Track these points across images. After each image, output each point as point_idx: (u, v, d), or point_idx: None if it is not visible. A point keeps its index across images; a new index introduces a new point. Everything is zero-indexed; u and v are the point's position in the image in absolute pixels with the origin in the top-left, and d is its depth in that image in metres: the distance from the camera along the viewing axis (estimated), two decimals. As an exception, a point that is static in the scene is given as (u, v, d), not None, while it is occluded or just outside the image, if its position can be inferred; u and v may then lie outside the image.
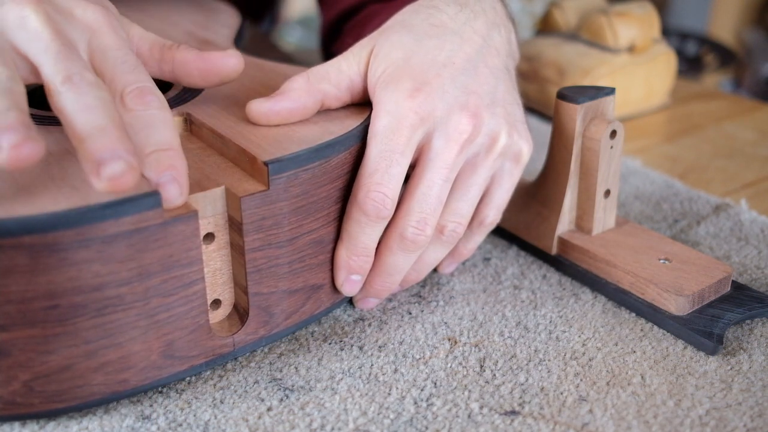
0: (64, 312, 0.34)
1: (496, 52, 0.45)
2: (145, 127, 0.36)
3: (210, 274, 0.39)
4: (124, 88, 0.37)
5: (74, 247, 0.33)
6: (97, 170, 0.32)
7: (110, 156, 0.32)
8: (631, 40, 0.75)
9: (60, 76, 0.35)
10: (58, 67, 0.36)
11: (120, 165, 0.32)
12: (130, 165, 0.33)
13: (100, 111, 0.34)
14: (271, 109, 0.42)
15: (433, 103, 0.41)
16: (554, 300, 0.48)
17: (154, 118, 0.36)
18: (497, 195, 0.46)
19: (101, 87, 0.36)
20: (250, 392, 0.40)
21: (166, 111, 0.37)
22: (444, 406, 0.39)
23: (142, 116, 0.36)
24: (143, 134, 0.36)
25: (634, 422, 0.38)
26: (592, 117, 0.48)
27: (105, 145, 0.33)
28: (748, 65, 1.86)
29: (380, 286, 0.44)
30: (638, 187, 0.62)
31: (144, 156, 0.35)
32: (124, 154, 0.33)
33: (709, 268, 0.47)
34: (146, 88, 0.37)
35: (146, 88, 0.37)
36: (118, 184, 0.32)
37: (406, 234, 0.42)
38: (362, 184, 0.41)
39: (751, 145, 0.71)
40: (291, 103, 0.42)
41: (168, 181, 0.35)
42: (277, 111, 0.42)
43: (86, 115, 0.34)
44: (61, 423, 0.38)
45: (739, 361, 0.42)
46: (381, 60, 0.43)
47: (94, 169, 0.32)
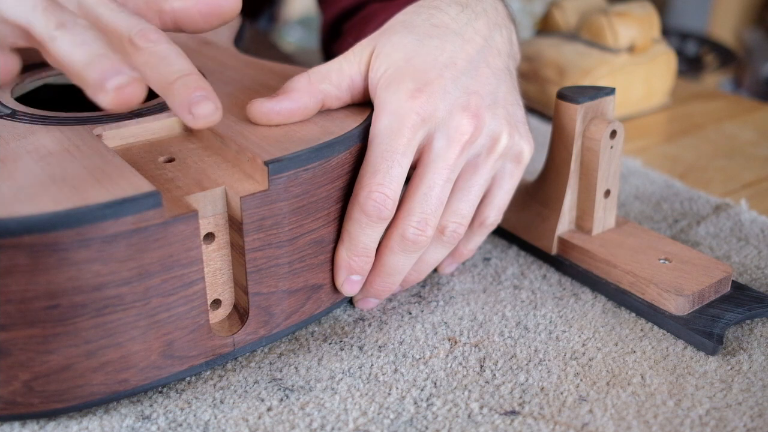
0: (64, 312, 0.34)
1: (497, 53, 0.45)
2: (161, 60, 0.37)
3: (210, 274, 0.39)
4: (129, 31, 0.38)
5: (74, 246, 0.33)
6: (102, 86, 0.33)
7: (113, 73, 0.33)
8: (631, 40, 0.75)
9: (52, 23, 0.36)
10: (50, 18, 0.36)
11: (124, 77, 0.33)
12: (135, 77, 0.33)
13: (97, 44, 0.35)
14: (272, 109, 0.42)
15: (435, 103, 0.41)
16: (554, 300, 0.48)
17: (167, 50, 0.37)
18: (498, 195, 0.46)
19: (94, 28, 0.36)
20: (250, 392, 0.40)
21: (175, 45, 0.38)
22: (444, 406, 0.39)
23: (155, 51, 0.37)
24: (162, 66, 0.37)
25: (634, 422, 0.38)
26: (592, 117, 0.48)
27: (106, 66, 0.34)
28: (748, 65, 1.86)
29: (380, 287, 0.44)
30: (638, 187, 0.62)
31: (169, 85, 0.36)
32: (126, 70, 0.34)
33: (709, 268, 0.47)
34: (149, 28, 0.38)
35: (149, 28, 0.38)
36: (124, 95, 0.33)
37: (407, 234, 0.42)
38: (363, 184, 0.41)
39: (751, 145, 0.71)
40: (292, 104, 0.42)
41: (200, 100, 0.36)
42: (277, 111, 0.42)
43: (83, 49, 0.35)
44: (61, 423, 0.38)
45: (739, 361, 0.42)
46: (382, 60, 0.43)
47: (99, 87, 0.33)
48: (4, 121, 0.42)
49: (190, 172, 0.39)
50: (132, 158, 0.41)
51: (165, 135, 0.44)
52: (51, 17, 0.36)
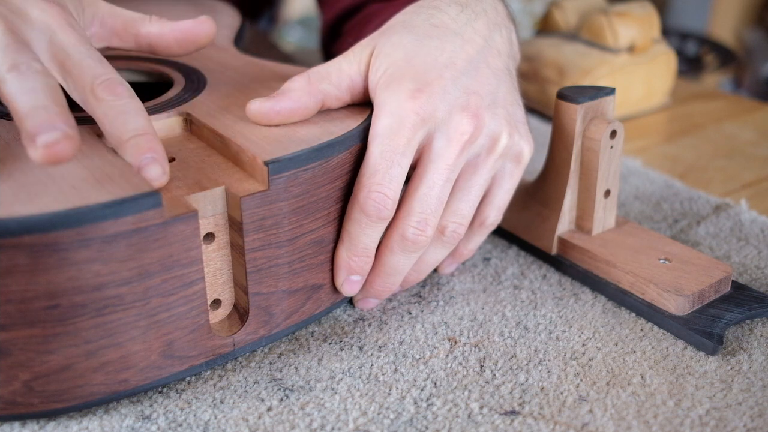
0: (64, 312, 0.34)
1: (497, 53, 0.45)
2: (119, 115, 0.37)
3: (210, 273, 0.39)
4: (93, 80, 0.38)
5: (74, 246, 0.33)
6: (33, 139, 0.33)
7: (46, 128, 0.33)
8: (631, 40, 0.75)
9: (6, 65, 0.36)
10: (5, 59, 0.37)
11: (55, 134, 0.33)
12: (67, 134, 0.33)
13: (42, 93, 0.35)
14: (272, 109, 0.42)
15: (434, 103, 0.41)
16: (554, 300, 0.48)
17: (127, 106, 0.38)
18: (498, 196, 0.46)
19: (47, 74, 0.36)
20: (250, 392, 0.40)
21: (137, 100, 0.38)
22: (444, 406, 0.39)
23: (115, 106, 0.37)
24: (119, 122, 0.37)
25: (634, 422, 0.38)
26: (592, 117, 0.48)
27: (43, 119, 0.34)
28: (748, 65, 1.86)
29: (380, 287, 0.44)
30: (638, 187, 0.62)
31: (123, 143, 0.37)
32: (61, 126, 0.33)
33: (709, 268, 0.47)
34: (115, 79, 0.38)
35: (115, 79, 0.38)
36: (53, 152, 0.33)
37: (407, 234, 0.42)
38: (363, 184, 0.41)
39: (751, 145, 0.71)
40: (292, 104, 0.42)
41: (149, 162, 0.36)
42: (277, 111, 0.42)
43: (28, 96, 0.35)
44: (61, 423, 0.38)
45: (739, 361, 0.42)
46: (382, 60, 0.43)
47: (30, 140, 0.33)
48: (4, 121, 0.42)
49: (190, 172, 0.39)
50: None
51: (165, 135, 0.44)
52: (8, 58, 0.37)
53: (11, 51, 0.37)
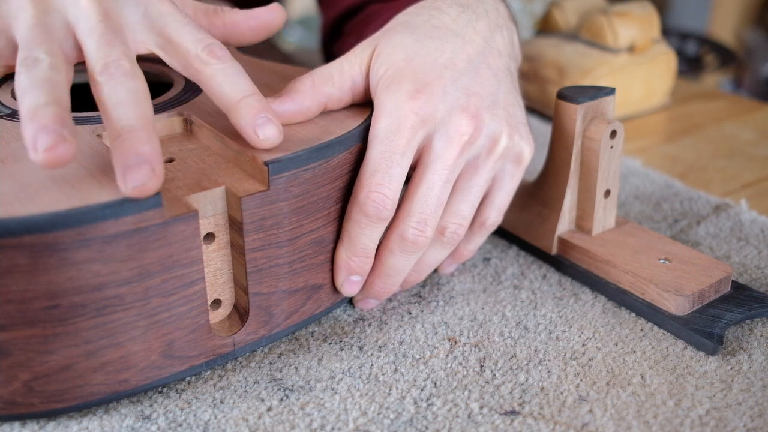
0: (64, 312, 0.34)
1: (498, 54, 0.45)
2: (227, 78, 0.39)
3: (210, 274, 0.39)
4: (197, 47, 0.40)
5: (74, 246, 0.33)
6: (123, 177, 0.34)
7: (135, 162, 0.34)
8: (631, 40, 0.75)
9: (99, 64, 0.38)
10: (99, 54, 0.38)
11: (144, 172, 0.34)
12: (153, 170, 0.34)
13: (130, 107, 0.36)
14: (274, 110, 0.42)
15: (434, 104, 0.41)
16: (554, 300, 0.48)
17: (233, 68, 0.40)
18: (498, 196, 0.46)
19: (135, 76, 0.37)
20: (250, 392, 0.40)
21: (238, 63, 0.40)
22: (444, 406, 0.39)
23: (221, 69, 0.40)
24: (228, 84, 0.39)
25: (634, 422, 0.38)
26: (592, 117, 0.48)
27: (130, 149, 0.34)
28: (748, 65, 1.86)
29: (380, 288, 0.44)
30: (638, 187, 0.62)
31: (234, 104, 0.39)
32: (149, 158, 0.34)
33: (709, 268, 0.47)
34: (215, 43, 0.40)
35: (215, 43, 0.40)
36: (142, 192, 0.34)
37: (407, 235, 0.42)
38: (363, 184, 0.41)
39: (751, 145, 0.71)
40: (295, 106, 0.42)
41: (265, 122, 0.39)
42: (280, 113, 0.42)
43: (118, 111, 0.36)
44: (61, 423, 0.38)
45: (739, 361, 0.42)
46: (383, 61, 0.43)
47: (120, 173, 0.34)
48: (4, 121, 0.42)
49: (190, 172, 0.39)
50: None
51: (165, 135, 0.44)
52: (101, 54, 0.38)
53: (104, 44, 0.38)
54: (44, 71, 0.36)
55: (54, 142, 0.33)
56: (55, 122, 0.34)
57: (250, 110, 0.39)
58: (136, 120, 0.35)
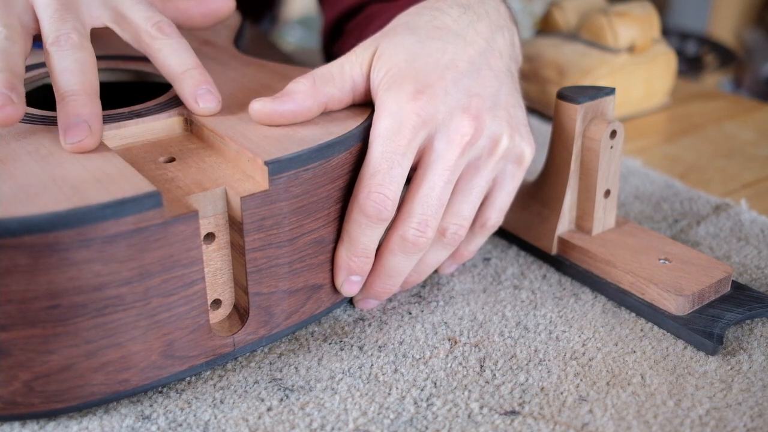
0: (64, 312, 0.34)
1: (499, 55, 0.45)
2: (172, 52, 0.44)
3: (210, 274, 0.39)
4: (146, 23, 0.44)
5: (75, 246, 0.33)
6: (64, 135, 0.38)
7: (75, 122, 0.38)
8: (631, 40, 0.75)
9: (51, 36, 0.42)
10: (51, 27, 0.42)
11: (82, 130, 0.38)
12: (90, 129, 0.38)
13: (74, 74, 0.40)
14: (275, 110, 0.42)
15: (436, 105, 0.41)
16: (554, 300, 0.48)
17: (178, 44, 0.44)
18: (499, 197, 0.46)
19: (83, 48, 0.42)
20: (250, 392, 0.40)
21: (184, 39, 0.45)
22: (444, 406, 0.39)
23: (167, 43, 0.44)
24: (173, 58, 0.44)
25: (634, 422, 0.38)
26: (592, 117, 0.48)
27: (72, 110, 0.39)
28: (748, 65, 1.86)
29: (381, 288, 0.44)
30: (638, 187, 0.62)
31: (178, 75, 0.43)
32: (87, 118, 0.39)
33: (709, 268, 0.47)
34: (164, 20, 0.45)
35: (164, 20, 0.45)
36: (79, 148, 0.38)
37: (408, 236, 0.42)
38: (363, 185, 0.41)
39: (751, 145, 0.71)
40: (295, 106, 0.42)
41: (204, 93, 0.43)
42: (281, 113, 0.42)
43: (63, 77, 0.40)
44: (61, 423, 0.38)
45: (739, 361, 0.42)
46: (384, 62, 0.43)
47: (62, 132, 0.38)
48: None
49: (190, 172, 0.39)
50: (132, 158, 0.41)
51: (165, 135, 0.44)
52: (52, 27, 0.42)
53: (57, 19, 0.42)
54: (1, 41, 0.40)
55: (1, 104, 0.37)
56: (4, 86, 0.38)
57: (192, 82, 0.43)
58: (79, 86, 0.40)
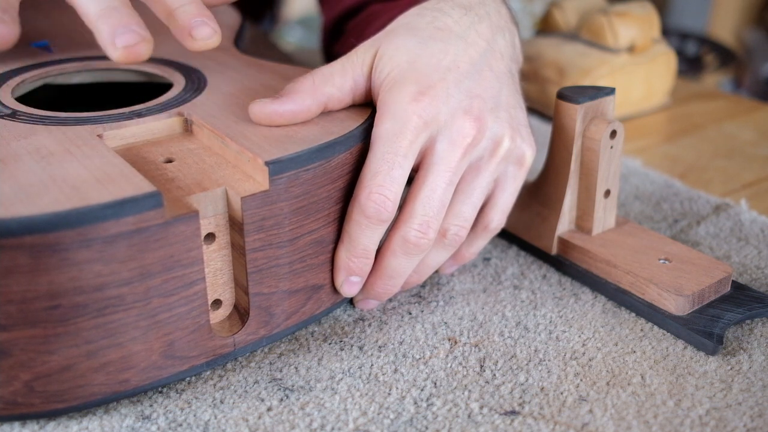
0: (65, 312, 0.34)
1: (500, 56, 0.45)
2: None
3: (211, 274, 0.39)
4: None
5: (75, 247, 0.33)
6: (113, 42, 0.37)
7: (123, 30, 0.38)
8: (631, 40, 0.75)
9: None
10: None
11: (133, 36, 0.38)
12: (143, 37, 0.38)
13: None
14: (275, 110, 0.42)
15: (437, 107, 0.41)
16: (554, 300, 0.48)
17: None
18: (501, 199, 0.46)
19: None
20: (250, 392, 0.40)
21: None
22: (444, 406, 0.39)
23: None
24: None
25: (634, 422, 0.38)
26: (592, 117, 0.48)
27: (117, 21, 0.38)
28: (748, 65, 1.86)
29: (381, 289, 0.44)
30: (638, 187, 0.62)
31: (172, 11, 0.41)
32: (136, 28, 0.38)
33: (709, 268, 0.47)
34: None
35: None
36: (132, 53, 0.37)
37: (409, 237, 0.42)
38: (364, 185, 0.41)
39: (751, 145, 0.71)
40: (295, 106, 0.42)
41: (200, 24, 0.40)
42: (280, 113, 0.42)
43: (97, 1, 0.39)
44: (62, 423, 0.38)
45: (739, 361, 0.42)
46: (386, 63, 0.43)
47: (110, 42, 0.38)
48: (5, 121, 0.42)
49: (190, 172, 0.39)
50: (132, 158, 0.41)
51: (165, 135, 0.44)
52: None
53: None
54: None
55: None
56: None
57: (186, 15, 0.41)
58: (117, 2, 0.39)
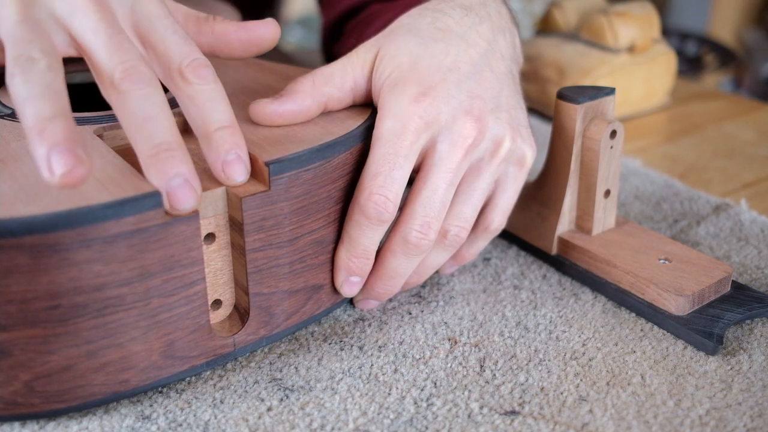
0: (65, 312, 0.34)
1: (500, 57, 0.45)
2: (206, 103, 0.37)
3: (211, 274, 0.39)
4: (181, 61, 0.37)
5: (75, 247, 0.33)
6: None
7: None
8: (631, 40, 0.75)
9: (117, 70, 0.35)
10: (113, 59, 0.35)
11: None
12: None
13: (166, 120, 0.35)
14: (275, 110, 0.42)
15: (438, 107, 0.41)
16: (554, 300, 0.48)
17: (214, 92, 0.37)
18: (502, 200, 0.46)
19: (156, 83, 0.36)
20: (250, 392, 0.40)
21: (221, 85, 0.38)
22: (444, 406, 0.39)
23: (202, 91, 0.37)
24: (205, 110, 0.37)
25: (634, 422, 0.38)
26: (592, 117, 0.48)
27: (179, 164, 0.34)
28: (748, 65, 1.86)
29: (382, 290, 0.44)
30: (638, 187, 0.62)
31: (209, 133, 0.37)
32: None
33: (709, 268, 0.47)
34: (201, 60, 0.37)
35: (201, 60, 0.37)
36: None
37: (410, 238, 0.42)
38: (364, 186, 0.41)
39: (751, 145, 0.71)
40: (295, 106, 0.42)
41: (234, 161, 0.37)
42: (281, 113, 0.42)
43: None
44: (61, 423, 0.38)
45: (739, 361, 0.42)
46: (387, 63, 0.43)
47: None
48: (5, 121, 0.42)
49: (190, 172, 0.39)
50: (132, 158, 0.41)
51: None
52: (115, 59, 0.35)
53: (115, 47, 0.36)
54: (42, 74, 0.34)
55: (72, 165, 0.31)
56: (67, 140, 0.32)
57: (221, 143, 0.37)
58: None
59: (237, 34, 0.42)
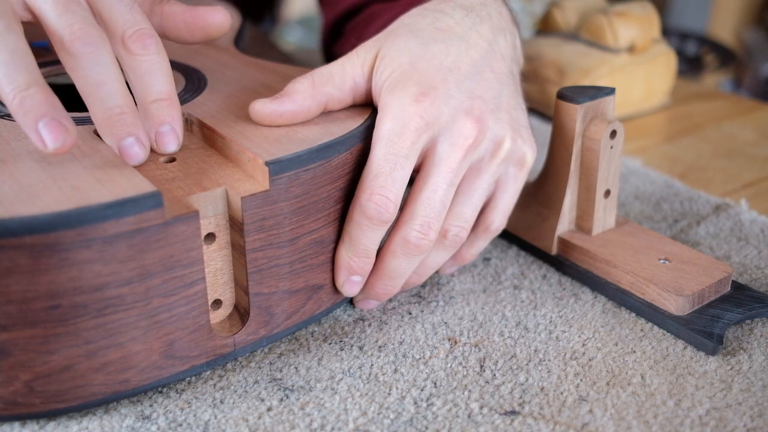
0: (65, 312, 0.34)
1: (501, 57, 0.45)
2: (145, 74, 0.39)
3: (211, 274, 0.39)
4: (125, 30, 0.38)
5: (75, 247, 0.33)
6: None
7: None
8: (631, 40, 0.75)
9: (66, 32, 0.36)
10: (61, 21, 0.37)
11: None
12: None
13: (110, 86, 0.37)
14: (275, 110, 0.42)
15: (439, 108, 0.41)
16: (554, 300, 0.48)
17: (154, 64, 0.39)
18: (502, 200, 0.46)
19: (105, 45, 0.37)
20: (250, 392, 0.40)
21: (164, 56, 0.39)
22: (444, 406, 0.39)
23: (143, 61, 0.38)
24: (144, 81, 0.39)
25: (634, 422, 0.38)
26: (592, 117, 0.48)
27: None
28: (748, 65, 1.86)
29: (382, 290, 0.44)
30: (638, 187, 0.62)
31: (146, 104, 0.39)
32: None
33: (709, 268, 0.47)
34: (145, 30, 0.39)
35: (145, 30, 0.39)
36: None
37: (410, 238, 0.42)
38: (365, 186, 0.41)
39: (751, 145, 0.71)
40: (295, 106, 0.42)
41: (167, 132, 0.39)
42: (280, 113, 0.42)
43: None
44: (61, 423, 0.38)
45: (739, 361, 0.42)
46: (387, 64, 0.43)
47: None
48: (5, 121, 0.42)
49: (190, 172, 0.39)
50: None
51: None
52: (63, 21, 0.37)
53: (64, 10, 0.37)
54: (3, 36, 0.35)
55: (62, 138, 0.34)
56: (51, 109, 0.34)
57: (156, 114, 0.39)
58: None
59: (183, 16, 0.43)
